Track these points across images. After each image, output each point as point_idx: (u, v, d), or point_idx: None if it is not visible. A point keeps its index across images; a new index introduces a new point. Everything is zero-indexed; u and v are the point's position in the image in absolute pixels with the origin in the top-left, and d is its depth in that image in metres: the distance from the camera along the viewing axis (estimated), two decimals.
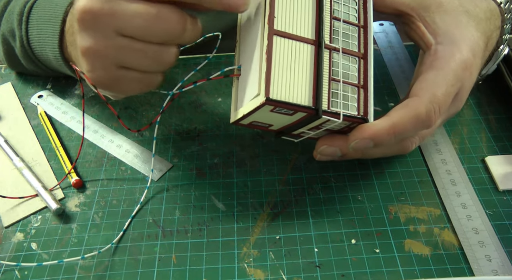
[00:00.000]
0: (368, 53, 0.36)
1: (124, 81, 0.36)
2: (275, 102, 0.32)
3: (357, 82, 0.35)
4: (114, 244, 0.37)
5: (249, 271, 0.35)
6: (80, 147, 0.44)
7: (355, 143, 0.35)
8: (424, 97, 0.35)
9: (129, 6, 0.33)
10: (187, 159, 0.44)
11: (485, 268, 0.34)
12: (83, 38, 0.34)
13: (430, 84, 0.36)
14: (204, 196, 0.41)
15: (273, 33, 0.33)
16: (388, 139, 0.35)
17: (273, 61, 0.32)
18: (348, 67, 0.35)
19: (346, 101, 0.34)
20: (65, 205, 0.40)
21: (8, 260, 0.37)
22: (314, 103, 0.33)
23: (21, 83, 0.53)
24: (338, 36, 0.35)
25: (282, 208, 0.39)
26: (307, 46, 0.34)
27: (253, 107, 0.33)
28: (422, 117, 0.35)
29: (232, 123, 0.37)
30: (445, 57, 0.37)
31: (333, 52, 0.35)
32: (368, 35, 0.36)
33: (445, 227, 0.38)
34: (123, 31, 0.33)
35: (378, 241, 0.37)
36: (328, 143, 0.38)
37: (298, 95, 0.33)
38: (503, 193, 0.40)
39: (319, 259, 0.36)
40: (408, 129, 0.35)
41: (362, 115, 0.35)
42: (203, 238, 0.38)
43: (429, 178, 0.41)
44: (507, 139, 0.44)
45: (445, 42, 0.38)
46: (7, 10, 0.47)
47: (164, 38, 0.34)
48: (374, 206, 0.39)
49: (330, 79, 0.34)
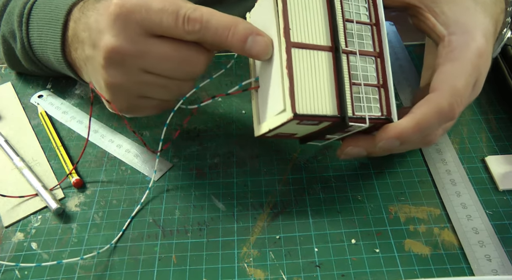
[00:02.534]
0: (383, 51, 0.35)
1: (143, 107, 0.39)
2: (302, 116, 0.32)
3: (376, 82, 0.35)
4: (113, 244, 0.37)
5: (249, 271, 0.35)
6: (83, 150, 0.44)
7: (382, 143, 0.35)
8: (445, 91, 0.35)
9: (158, 48, 0.34)
10: (187, 159, 0.44)
11: (485, 267, 0.34)
12: (109, 74, 0.35)
13: (449, 77, 0.36)
14: (204, 196, 0.41)
15: (291, 46, 0.32)
16: (414, 137, 0.35)
17: (295, 75, 0.32)
18: (366, 68, 0.35)
19: (369, 103, 0.34)
20: (65, 205, 0.40)
21: (8, 260, 0.37)
22: (339, 111, 0.33)
23: (21, 83, 0.53)
24: (353, 38, 0.35)
25: (282, 208, 0.39)
26: (324, 53, 0.33)
27: (280, 122, 0.33)
28: (445, 111, 0.35)
29: (257, 136, 0.37)
30: (460, 47, 0.37)
31: (350, 55, 0.34)
32: (382, 33, 0.36)
33: (445, 227, 0.38)
34: (150, 70, 0.35)
35: (378, 241, 0.37)
36: (354, 144, 0.37)
37: (322, 105, 0.32)
38: (503, 193, 0.40)
39: (319, 259, 0.36)
40: (433, 124, 0.35)
41: (386, 115, 0.34)
42: (203, 238, 0.38)
43: (429, 178, 0.41)
44: (507, 139, 0.44)
45: (457, 32, 0.37)
46: (6, 11, 0.47)
47: (189, 76, 0.37)
48: (374, 206, 0.39)
49: (350, 84, 0.34)
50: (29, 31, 0.44)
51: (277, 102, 0.33)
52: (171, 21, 0.33)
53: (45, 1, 0.44)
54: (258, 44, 0.33)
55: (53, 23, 0.42)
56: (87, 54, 0.37)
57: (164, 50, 0.34)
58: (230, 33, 0.33)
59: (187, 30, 0.33)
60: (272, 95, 0.34)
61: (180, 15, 0.32)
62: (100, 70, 0.35)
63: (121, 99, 0.37)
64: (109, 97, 0.37)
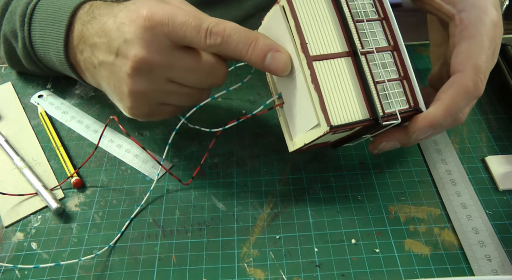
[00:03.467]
0: (398, 43, 0.35)
1: (160, 113, 0.40)
2: (337, 128, 0.32)
3: (398, 76, 0.35)
4: (111, 245, 0.37)
5: (249, 270, 0.35)
6: (90, 155, 0.44)
7: (416, 134, 0.36)
8: (468, 70, 0.35)
9: (184, 60, 0.36)
10: (187, 159, 0.44)
11: (485, 267, 0.34)
12: (135, 83, 0.36)
13: (469, 55, 0.36)
14: (204, 196, 0.41)
15: (312, 60, 0.33)
16: (446, 122, 0.35)
17: (322, 88, 0.33)
18: (386, 64, 0.35)
19: (396, 98, 0.34)
20: (65, 204, 0.40)
21: (8, 259, 0.37)
22: (370, 113, 0.33)
23: (21, 83, 0.53)
24: (366, 37, 0.35)
25: (282, 208, 0.39)
26: (343, 60, 0.34)
27: (316, 136, 0.33)
28: (471, 90, 0.35)
29: (292, 152, 0.38)
30: (474, 23, 0.37)
31: (368, 55, 0.34)
32: (392, 25, 0.36)
33: (445, 227, 0.38)
34: (174, 80, 0.36)
35: (378, 241, 0.37)
36: (387, 138, 0.38)
37: (353, 111, 0.33)
38: (503, 193, 0.40)
39: (319, 258, 0.36)
40: (461, 105, 0.36)
41: (414, 106, 0.35)
42: (203, 237, 0.38)
43: (429, 178, 0.41)
44: (507, 139, 0.44)
45: (467, 8, 0.37)
46: (8, 10, 0.47)
47: (211, 86, 0.39)
48: (374, 206, 0.39)
49: (375, 83, 0.34)
50: (31, 31, 0.44)
51: (309, 117, 0.34)
52: (194, 34, 0.34)
53: (49, 1, 0.44)
54: (277, 60, 0.34)
55: (56, 24, 0.42)
56: (103, 60, 0.37)
57: (189, 61, 0.36)
58: (250, 48, 0.34)
59: (209, 44, 0.34)
60: (301, 110, 0.35)
61: (203, 28, 0.34)
62: (125, 78, 0.36)
63: (143, 105, 0.38)
64: (131, 104, 0.37)
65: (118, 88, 0.37)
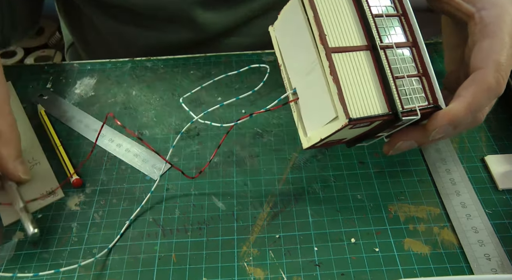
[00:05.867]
0: (417, 39, 0.35)
1: None
2: (356, 120, 0.32)
3: (417, 72, 0.35)
4: (110, 248, 0.37)
5: (249, 270, 0.35)
6: (89, 154, 0.43)
7: (435, 132, 0.35)
8: (489, 68, 0.35)
9: None
10: (187, 158, 0.44)
11: (484, 267, 0.34)
12: None
13: (490, 53, 0.35)
14: (204, 195, 0.41)
15: (331, 52, 0.32)
16: (467, 119, 0.35)
17: (341, 80, 0.32)
18: (404, 59, 0.35)
19: (415, 94, 0.34)
20: (65, 204, 0.40)
21: (8, 259, 0.37)
22: (389, 108, 0.33)
23: (21, 82, 0.53)
24: (385, 32, 0.35)
25: (281, 207, 0.39)
26: (363, 53, 0.33)
27: (333, 130, 0.33)
28: (493, 88, 0.35)
29: (306, 148, 0.37)
30: (494, 21, 0.36)
31: (387, 50, 0.34)
32: (412, 21, 0.35)
33: (444, 226, 0.38)
34: None
35: (377, 240, 0.37)
36: (404, 138, 0.37)
37: (372, 105, 0.32)
38: (502, 192, 0.40)
39: (318, 258, 0.36)
40: (483, 103, 0.35)
41: (433, 103, 0.34)
42: (203, 237, 0.38)
43: (429, 177, 0.41)
44: (507, 139, 0.44)
45: (487, 6, 0.37)
46: None
47: None
48: (374, 205, 0.39)
49: (394, 78, 0.33)
50: None
51: (327, 110, 0.33)
52: None
53: None
54: None
55: None
56: None
57: None
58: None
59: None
60: (318, 104, 0.34)
61: None
62: None
63: None
64: None
65: None
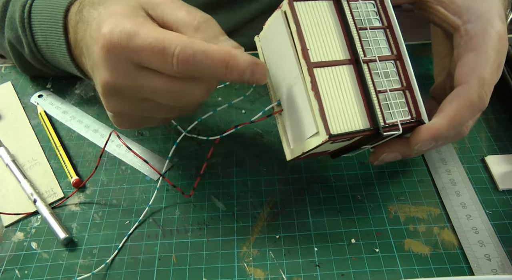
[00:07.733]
0: (401, 52, 0.35)
1: (150, 124, 0.40)
2: (337, 137, 0.31)
3: (400, 86, 0.34)
4: (108, 263, 0.36)
5: (249, 270, 0.35)
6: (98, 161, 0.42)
7: (418, 146, 0.35)
8: (473, 83, 0.35)
9: (151, 83, 0.32)
10: (186, 158, 0.44)
11: (484, 267, 0.34)
12: (109, 104, 0.35)
13: (474, 67, 0.35)
14: (204, 195, 0.41)
15: (313, 67, 0.32)
16: (450, 134, 0.35)
17: (322, 96, 0.32)
18: (388, 73, 0.34)
19: (397, 108, 0.34)
20: (65, 204, 0.40)
21: (8, 259, 0.37)
22: (371, 123, 0.32)
23: (21, 82, 0.53)
24: (369, 45, 0.34)
25: (282, 207, 0.39)
26: (345, 67, 0.33)
27: (314, 145, 0.32)
28: (476, 103, 0.35)
29: (289, 160, 0.37)
30: (479, 34, 0.36)
31: (370, 64, 0.34)
32: (396, 34, 0.35)
33: (444, 226, 0.38)
34: (149, 99, 0.34)
35: (378, 241, 0.37)
36: (388, 150, 0.37)
37: (353, 120, 0.32)
38: (502, 193, 0.40)
39: (319, 258, 0.36)
40: (466, 118, 0.35)
41: (416, 117, 0.34)
42: (203, 237, 0.38)
43: (429, 178, 0.41)
44: (507, 139, 0.44)
45: (472, 19, 0.37)
46: (7, 15, 0.45)
47: (189, 106, 0.36)
48: (374, 205, 0.39)
49: (376, 92, 0.33)
50: (33, 35, 0.43)
51: (308, 125, 0.33)
52: (159, 61, 0.31)
53: (41, 1, 0.42)
54: (257, 74, 0.32)
55: (54, 27, 0.40)
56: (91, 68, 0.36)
57: (157, 84, 0.32)
58: (228, 71, 0.31)
59: (177, 71, 0.31)
60: (301, 118, 0.34)
61: (168, 54, 0.30)
62: (101, 97, 0.35)
63: (125, 122, 0.37)
64: (113, 120, 0.37)
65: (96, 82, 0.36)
